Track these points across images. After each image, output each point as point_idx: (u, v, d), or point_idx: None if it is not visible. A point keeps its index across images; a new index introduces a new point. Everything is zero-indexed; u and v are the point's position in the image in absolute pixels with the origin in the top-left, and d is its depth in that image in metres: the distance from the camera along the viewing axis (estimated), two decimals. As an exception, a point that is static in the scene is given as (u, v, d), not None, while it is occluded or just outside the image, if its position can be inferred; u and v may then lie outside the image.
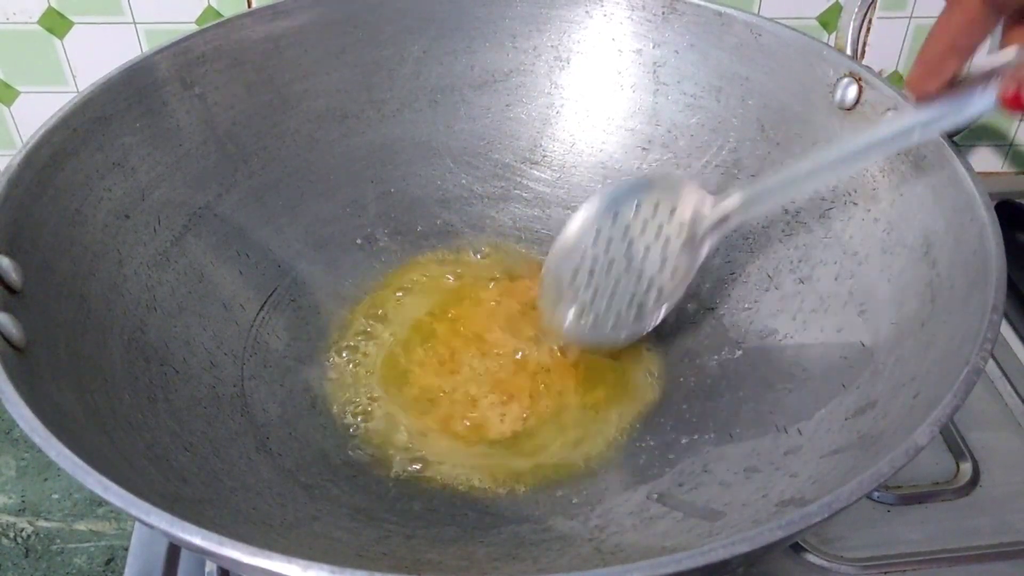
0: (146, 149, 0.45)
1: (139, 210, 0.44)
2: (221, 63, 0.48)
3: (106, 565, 0.49)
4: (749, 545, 0.27)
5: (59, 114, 0.41)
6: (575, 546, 0.39)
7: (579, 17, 0.53)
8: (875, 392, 0.38)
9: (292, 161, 0.51)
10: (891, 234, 0.43)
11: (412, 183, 0.54)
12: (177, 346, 0.43)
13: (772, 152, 0.49)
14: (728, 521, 0.37)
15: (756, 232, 0.49)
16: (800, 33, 0.48)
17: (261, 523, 0.37)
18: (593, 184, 0.54)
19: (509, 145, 0.55)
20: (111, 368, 0.38)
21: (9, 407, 0.30)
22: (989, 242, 0.36)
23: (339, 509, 0.40)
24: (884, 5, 0.62)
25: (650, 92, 0.53)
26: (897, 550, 0.45)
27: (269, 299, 0.48)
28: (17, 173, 0.38)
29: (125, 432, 0.36)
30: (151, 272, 0.43)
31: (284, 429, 0.43)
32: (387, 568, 0.36)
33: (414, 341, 0.48)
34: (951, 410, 0.31)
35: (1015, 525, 0.46)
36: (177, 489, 0.35)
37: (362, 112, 0.53)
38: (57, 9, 0.59)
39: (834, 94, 0.46)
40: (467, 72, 0.54)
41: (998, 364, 0.54)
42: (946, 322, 0.37)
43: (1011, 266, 0.35)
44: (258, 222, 0.49)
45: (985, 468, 0.49)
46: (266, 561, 0.26)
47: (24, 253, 0.36)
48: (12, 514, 0.52)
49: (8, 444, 0.55)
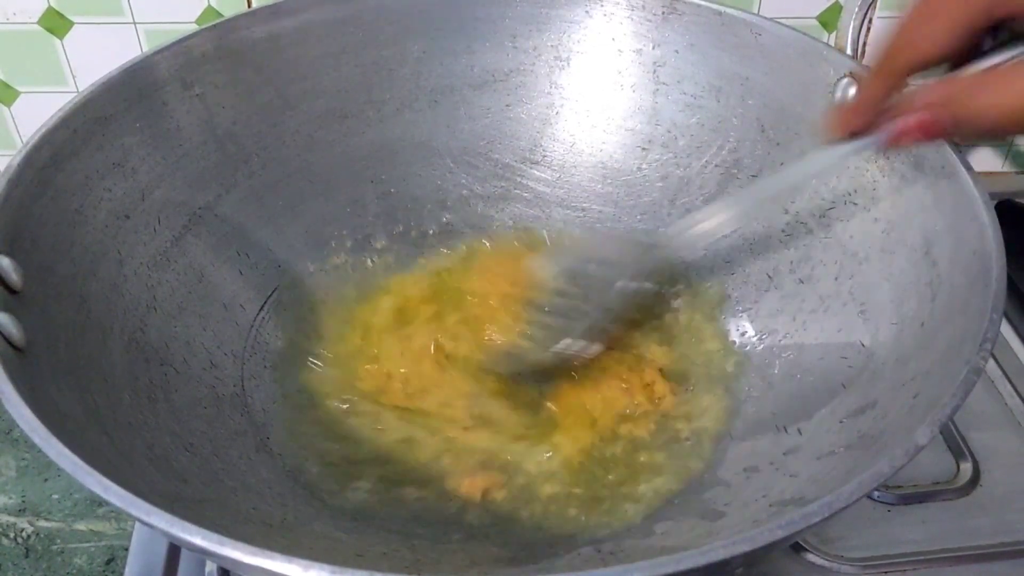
0: (146, 149, 0.45)
1: (139, 210, 0.44)
2: (221, 63, 0.48)
3: (106, 565, 0.49)
4: (749, 545, 0.27)
5: (59, 114, 0.41)
6: (575, 546, 0.39)
7: (579, 17, 0.53)
8: (875, 392, 0.38)
9: (292, 161, 0.51)
10: (891, 234, 0.43)
11: (412, 183, 0.54)
12: (177, 346, 0.43)
13: (772, 152, 0.49)
14: (728, 521, 0.37)
15: (756, 232, 0.49)
16: (800, 33, 0.48)
17: (261, 523, 0.37)
18: (593, 184, 0.54)
19: (509, 145, 0.55)
20: (111, 368, 0.38)
21: (9, 407, 0.30)
22: (989, 242, 0.36)
23: (339, 509, 0.40)
24: (884, 5, 0.62)
25: (650, 92, 0.53)
26: (897, 550, 0.45)
27: (269, 299, 0.48)
28: (17, 173, 0.38)
29: (125, 432, 0.36)
30: (151, 272, 0.43)
31: (284, 429, 0.43)
32: (387, 568, 0.36)
33: (414, 341, 0.48)
34: (951, 410, 0.31)
35: (1015, 525, 0.46)
36: (177, 489, 0.35)
37: (362, 112, 0.53)
38: (57, 9, 0.59)
39: (834, 94, 0.46)
40: (467, 72, 0.54)
41: (998, 364, 0.54)
42: (946, 322, 0.37)
43: (1011, 266, 0.35)
44: (258, 222, 0.49)
45: (985, 468, 0.49)
46: (266, 561, 0.26)
47: (24, 253, 0.36)
48: (12, 514, 0.52)
49: (8, 444, 0.55)
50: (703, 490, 0.41)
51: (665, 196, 0.52)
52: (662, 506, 0.40)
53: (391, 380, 0.46)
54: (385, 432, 0.44)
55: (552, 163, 0.55)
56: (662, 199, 0.52)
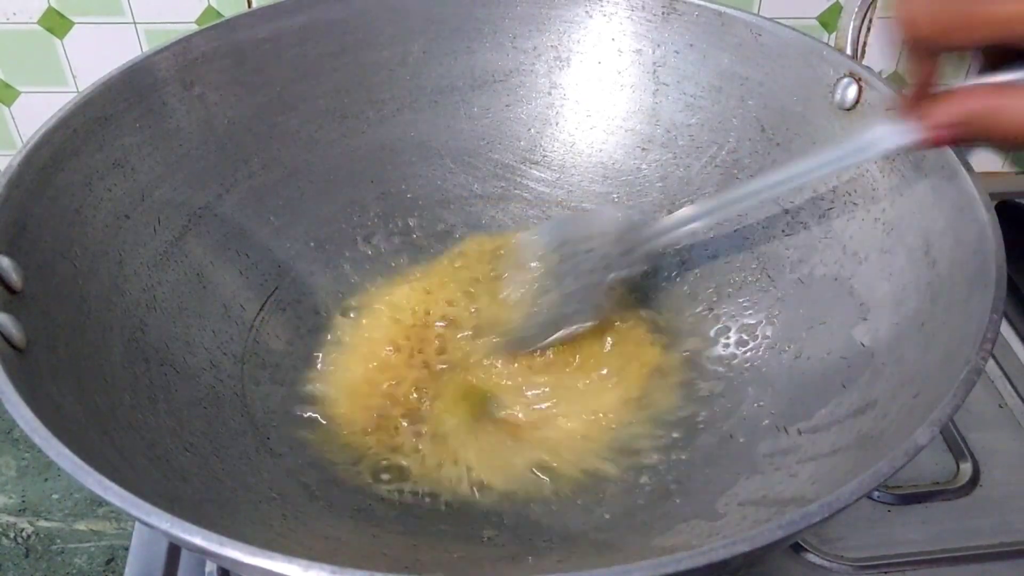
0: (146, 149, 0.45)
1: (139, 210, 0.44)
2: (221, 63, 0.48)
3: (106, 565, 0.49)
4: (749, 545, 0.27)
5: (59, 114, 0.41)
6: (576, 546, 0.39)
7: (579, 17, 0.53)
8: (875, 392, 0.38)
9: (292, 161, 0.51)
10: (891, 234, 0.43)
11: (412, 183, 0.54)
12: (177, 346, 0.43)
13: (772, 152, 0.49)
14: (728, 521, 0.37)
15: (756, 232, 0.49)
16: (800, 33, 0.48)
17: (261, 523, 0.37)
18: (593, 184, 0.54)
19: (509, 145, 0.55)
20: (111, 368, 0.38)
21: (9, 407, 0.30)
22: (989, 242, 0.36)
23: (339, 509, 0.40)
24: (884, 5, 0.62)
25: (650, 92, 0.53)
26: (897, 550, 0.45)
27: (269, 299, 0.48)
28: (17, 173, 0.38)
29: (125, 432, 0.36)
30: (151, 272, 0.43)
31: (284, 429, 0.43)
32: (387, 568, 0.36)
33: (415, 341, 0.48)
34: (951, 410, 0.31)
35: (1015, 525, 0.46)
36: (177, 489, 0.35)
37: (362, 112, 0.53)
38: (57, 9, 0.59)
39: (834, 94, 0.46)
40: (467, 72, 0.54)
41: (998, 364, 0.54)
42: (946, 322, 0.37)
43: (1011, 266, 0.35)
44: (258, 222, 0.49)
45: (985, 468, 0.49)
46: (266, 561, 0.26)
47: (24, 253, 0.36)
48: (12, 514, 0.52)
49: (8, 444, 0.55)
50: (703, 490, 0.41)
51: (665, 196, 0.52)
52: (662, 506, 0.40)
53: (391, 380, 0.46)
54: (385, 432, 0.44)
55: (552, 163, 0.55)
56: (662, 199, 0.52)
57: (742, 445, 0.42)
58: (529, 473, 0.42)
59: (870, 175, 0.44)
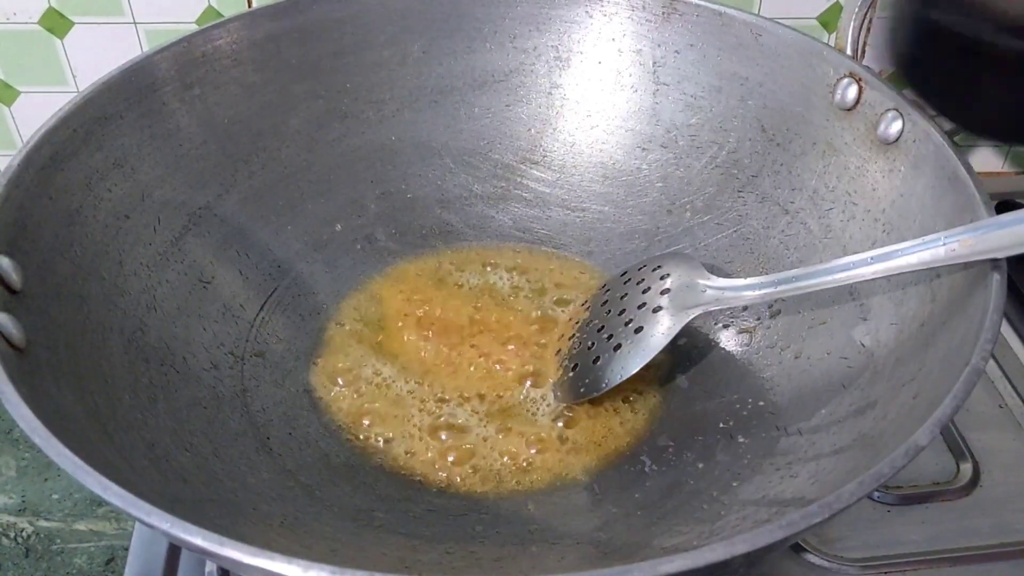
0: (146, 149, 0.45)
1: (139, 210, 0.44)
2: (221, 63, 0.48)
3: (106, 565, 0.49)
4: (749, 545, 0.27)
5: (59, 114, 0.41)
6: (576, 546, 0.39)
7: (579, 17, 0.53)
8: (875, 392, 0.38)
9: (292, 161, 0.51)
10: (891, 234, 0.43)
11: (412, 183, 0.54)
12: (177, 346, 0.43)
13: (772, 152, 0.49)
14: (728, 521, 0.37)
15: (756, 232, 0.49)
16: (800, 33, 0.48)
17: (261, 523, 0.37)
18: (593, 184, 0.54)
19: (509, 145, 0.55)
20: (111, 368, 0.38)
21: (9, 407, 0.30)
22: (989, 242, 0.36)
23: (339, 509, 0.40)
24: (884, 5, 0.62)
25: (650, 92, 0.53)
26: (897, 550, 0.45)
27: (269, 299, 0.48)
28: (17, 173, 0.38)
29: (125, 432, 0.36)
30: (151, 272, 0.43)
31: (284, 429, 0.43)
32: (387, 568, 0.36)
33: (415, 342, 0.48)
34: (951, 410, 0.31)
35: (1015, 525, 0.46)
36: (177, 489, 0.35)
37: (362, 112, 0.53)
38: (57, 9, 0.59)
39: (834, 94, 0.46)
40: (467, 72, 0.54)
41: (998, 364, 0.54)
42: (946, 322, 0.37)
43: (1011, 266, 0.35)
44: (258, 222, 0.49)
45: (985, 468, 0.49)
46: (266, 561, 0.26)
47: (24, 253, 0.36)
48: (12, 514, 0.52)
49: (8, 444, 0.55)
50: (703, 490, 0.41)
51: (665, 196, 0.52)
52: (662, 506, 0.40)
53: (391, 380, 0.46)
54: (385, 432, 0.44)
55: (552, 163, 0.55)
56: (662, 199, 0.52)
57: (742, 445, 0.42)
58: (531, 476, 0.42)
59: (870, 175, 0.44)
